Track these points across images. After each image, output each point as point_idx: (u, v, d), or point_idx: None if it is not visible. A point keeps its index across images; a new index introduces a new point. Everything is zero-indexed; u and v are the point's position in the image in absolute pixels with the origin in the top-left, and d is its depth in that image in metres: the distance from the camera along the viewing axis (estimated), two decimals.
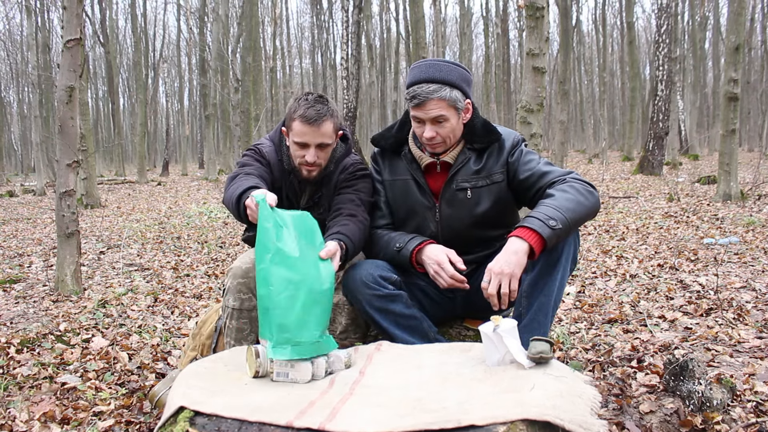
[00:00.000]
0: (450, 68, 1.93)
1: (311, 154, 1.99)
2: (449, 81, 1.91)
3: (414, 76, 1.94)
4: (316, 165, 2.03)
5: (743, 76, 15.55)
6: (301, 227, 1.73)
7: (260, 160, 2.14)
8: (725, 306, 3.20)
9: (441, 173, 2.05)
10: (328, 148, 2.03)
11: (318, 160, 2.02)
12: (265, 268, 1.61)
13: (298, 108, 1.97)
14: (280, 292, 1.60)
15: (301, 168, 2.05)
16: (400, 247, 2.00)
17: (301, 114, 1.96)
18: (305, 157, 2.00)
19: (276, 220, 1.66)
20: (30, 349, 2.83)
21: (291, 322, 1.59)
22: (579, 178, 1.88)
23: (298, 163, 2.05)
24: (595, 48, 33.74)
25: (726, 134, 8.39)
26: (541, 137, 4.65)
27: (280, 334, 1.58)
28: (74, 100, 4.18)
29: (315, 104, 1.96)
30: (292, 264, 1.63)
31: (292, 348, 1.58)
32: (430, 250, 1.96)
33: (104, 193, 15.41)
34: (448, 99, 1.90)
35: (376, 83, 32.37)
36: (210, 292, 4.46)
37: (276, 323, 1.58)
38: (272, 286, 1.60)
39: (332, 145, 2.05)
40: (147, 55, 30.34)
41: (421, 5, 11.03)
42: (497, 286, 1.68)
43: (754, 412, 1.89)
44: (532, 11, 4.44)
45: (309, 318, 1.62)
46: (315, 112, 1.95)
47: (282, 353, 1.57)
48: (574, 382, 1.43)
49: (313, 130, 1.96)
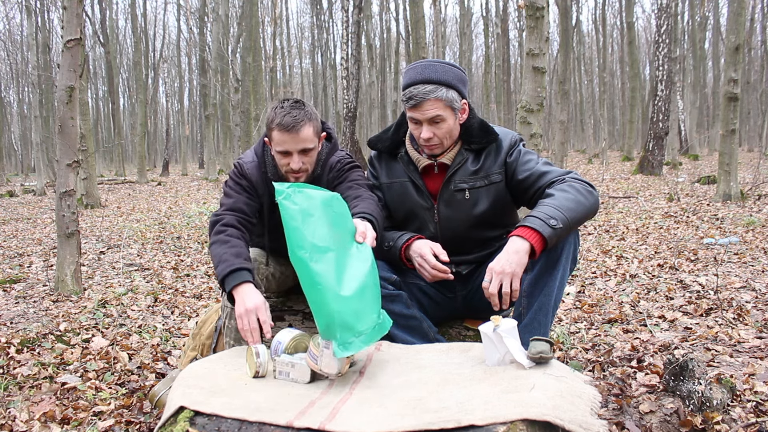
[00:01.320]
0: (446, 69, 1.94)
1: (295, 161, 1.98)
2: (445, 81, 1.91)
3: (410, 78, 1.94)
4: (302, 171, 2.01)
5: (743, 76, 15.54)
6: (331, 211, 1.69)
7: (240, 183, 2.11)
8: (725, 306, 3.20)
9: (439, 174, 2.05)
10: (311, 152, 2.01)
11: (303, 165, 2.00)
12: (305, 268, 1.56)
13: (275, 117, 1.95)
14: (329, 289, 1.54)
15: (288, 176, 2.03)
16: (390, 244, 2.01)
17: (278, 123, 1.93)
18: (290, 164, 1.98)
19: (302, 213, 1.62)
20: (30, 349, 2.83)
21: (349, 316, 1.54)
22: (578, 177, 1.88)
23: (284, 171, 2.03)
24: (595, 48, 33.73)
25: (726, 134, 8.39)
26: (541, 137, 4.65)
27: (343, 330, 1.52)
28: (74, 100, 4.18)
29: (291, 110, 1.94)
30: (331, 256, 1.60)
31: (357, 340, 1.54)
32: (415, 244, 1.97)
33: (104, 193, 15.41)
34: (444, 99, 1.90)
35: (376, 83, 32.36)
36: (210, 292, 4.46)
37: (336, 322, 1.52)
38: (320, 285, 1.54)
39: (316, 148, 2.03)
40: (147, 55, 30.33)
41: (421, 5, 11.03)
42: (498, 286, 1.68)
43: (754, 412, 1.89)
44: (532, 11, 4.44)
45: (364, 304, 1.59)
46: (292, 119, 1.92)
47: (350, 348, 1.51)
48: (574, 382, 1.43)
49: (293, 137, 1.93)
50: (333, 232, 1.65)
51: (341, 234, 1.69)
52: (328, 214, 1.68)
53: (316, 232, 1.62)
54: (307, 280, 1.56)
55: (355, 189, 2.06)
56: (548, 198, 1.80)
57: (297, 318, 2.35)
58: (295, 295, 2.41)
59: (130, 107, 35.35)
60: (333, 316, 1.52)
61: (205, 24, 23.40)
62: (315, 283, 1.55)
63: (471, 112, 2.03)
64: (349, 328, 1.54)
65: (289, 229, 1.60)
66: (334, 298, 1.54)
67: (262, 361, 1.60)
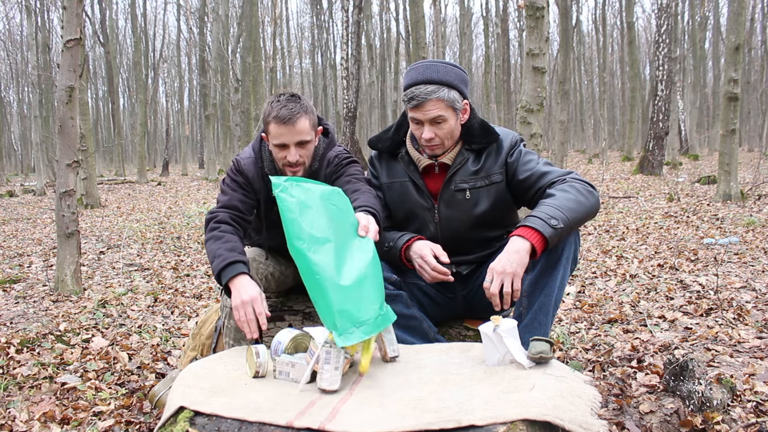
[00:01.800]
0: (447, 69, 1.94)
1: (292, 153, 1.98)
2: (447, 82, 1.92)
3: (411, 78, 1.94)
4: (299, 164, 2.02)
5: (743, 76, 15.54)
6: (330, 204, 1.70)
7: (237, 179, 2.13)
8: (725, 306, 3.20)
9: (439, 174, 2.05)
10: (308, 145, 2.01)
11: (300, 159, 2.01)
12: (304, 259, 1.56)
13: (272, 110, 1.96)
14: (327, 279, 1.55)
15: (285, 170, 2.04)
16: (390, 245, 2.01)
17: (275, 116, 1.95)
18: (287, 157, 1.99)
19: (300, 205, 1.63)
20: (30, 349, 2.83)
21: (350, 305, 1.54)
22: (579, 178, 1.88)
23: (282, 165, 2.04)
24: (595, 48, 33.72)
25: (726, 134, 8.39)
26: (541, 137, 4.65)
27: (343, 320, 1.52)
28: (74, 100, 4.18)
29: (287, 104, 1.95)
30: (330, 247, 1.60)
31: (358, 330, 1.53)
32: (416, 245, 1.97)
33: (104, 193, 15.41)
34: (446, 99, 1.91)
35: (376, 83, 32.35)
36: (210, 292, 4.46)
37: (335, 310, 1.52)
38: (318, 275, 1.54)
39: (312, 141, 2.03)
40: (147, 55, 30.33)
41: (421, 5, 11.04)
42: (499, 286, 1.68)
43: (754, 412, 1.89)
44: (532, 11, 4.44)
45: (364, 294, 1.58)
46: (288, 111, 1.93)
47: (350, 338, 1.51)
48: (574, 382, 1.43)
49: (289, 129, 1.95)
50: (332, 224, 1.66)
51: (341, 227, 1.69)
52: (326, 207, 1.69)
53: (314, 224, 1.62)
54: (306, 271, 1.56)
55: (354, 183, 2.06)
56: (549, 198, 1.80)
57: (297, 318, 2.35)
58: (295, 295, 2.41)
59: (130, 107, 35.33)
60: (332, 305, 1.52)
61: (205, 24, 23.40)
62: (314, 273, 1.55)
63: (472, 113, 2.03)
64: (349, 317, 1.53)
65: (287, 221, 1.60)
66: (332, 287, 1.54)
67: (262, 361, 1.60)
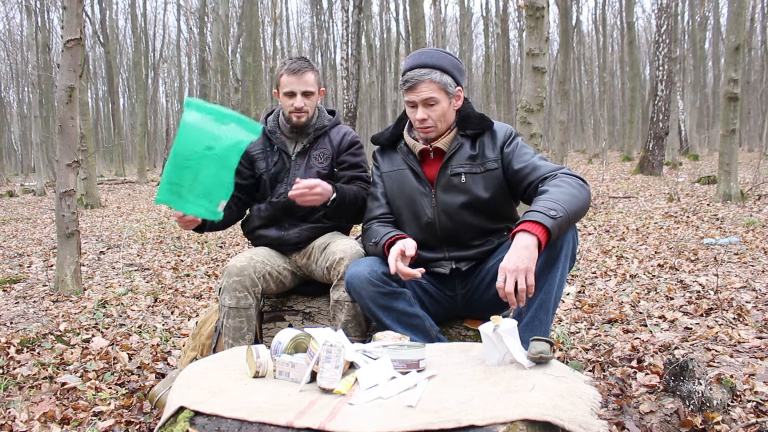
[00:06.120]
0: (440, 55, 2.04)
1: (299, 100, 2.30)
2: (440, 66, 2.01)
3: (407, 64, 2.06)
4: (303, 111, 2.33)
5: (743, 76, 15.54)
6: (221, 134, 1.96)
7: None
8: (725, 306, 3.20)
9: (435, 161, 2.11)
10: (312, 96, 2.34)
11: (305, 106, 2.32)
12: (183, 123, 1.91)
13: (285, 64, 2.34)
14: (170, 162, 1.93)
15: (291, 116, 2.34)
16: (376, 240, 2.06)
17: (287, 68, 2.31)
18: (293, 104, 2.31)
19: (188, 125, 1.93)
20: (30, 349, 2.83)
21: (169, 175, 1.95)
22: (569, 172, 1.92)
23: (288, 112, 2.34)
24: (595, 48, 33.70)
25: (726, 134, 8.39)
26: (541, 137, 4.65)
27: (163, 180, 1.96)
28: (74, 100, 4.18)
29: (297, 60, 2.33)
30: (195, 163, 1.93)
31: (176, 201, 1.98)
32: (394, 246, 1.98)
33: (104, 193, 15.41)
34: (438, 82, 1.99)
35: (376, 83, 32.33)
36: (210, 292, 4.46)
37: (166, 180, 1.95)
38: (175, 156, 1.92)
39: (316, 95, 2.36)
40: (147, 55, 30.32)
41: (421, 5, 11.04)
42: (513, 284, 1.67)
43: (754, 412, 1.89)
44: (532, 11, 4.44)
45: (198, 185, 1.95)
46: (298, 65, 2.31)
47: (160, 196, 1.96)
48: (574, 382, 1.43)
49: (298, 79, 2.29)
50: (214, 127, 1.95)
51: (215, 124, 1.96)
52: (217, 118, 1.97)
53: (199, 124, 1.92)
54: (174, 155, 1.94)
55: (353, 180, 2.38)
56: (543, 194, 1.83)
57: (297, 318, 2.35)
58: (295, 295, 2.42)
59: (130, 107, 35.32)
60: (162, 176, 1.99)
61: (205, 24, 23.37)
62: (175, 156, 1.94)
63: (466, 101, 2.11)
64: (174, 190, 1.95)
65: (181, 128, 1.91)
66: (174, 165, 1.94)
67: (262, 361, 1.60)
